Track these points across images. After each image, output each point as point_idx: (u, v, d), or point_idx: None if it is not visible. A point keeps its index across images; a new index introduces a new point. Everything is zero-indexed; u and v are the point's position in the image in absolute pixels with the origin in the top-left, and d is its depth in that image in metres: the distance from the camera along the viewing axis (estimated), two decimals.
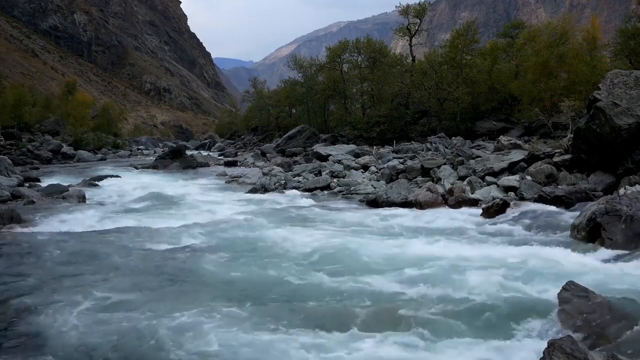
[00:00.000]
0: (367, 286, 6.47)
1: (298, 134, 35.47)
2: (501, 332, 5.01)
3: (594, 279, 6.17)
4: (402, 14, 39.66)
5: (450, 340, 4.90)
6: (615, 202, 8.24)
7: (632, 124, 11.58)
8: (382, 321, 5.37)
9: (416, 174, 16.86)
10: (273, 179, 18.44)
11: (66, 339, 5.03)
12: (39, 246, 8.72)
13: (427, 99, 34.09)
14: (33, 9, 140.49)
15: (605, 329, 4.45)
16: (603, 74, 18.25)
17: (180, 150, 31.65)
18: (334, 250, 8.23)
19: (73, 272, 7.21)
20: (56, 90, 79.58)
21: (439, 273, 6.79)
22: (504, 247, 8.28)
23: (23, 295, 6.23)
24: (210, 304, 5.97)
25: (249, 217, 12.05)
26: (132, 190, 17.26)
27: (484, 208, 11.54)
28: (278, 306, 5.92)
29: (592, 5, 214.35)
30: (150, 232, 9.94)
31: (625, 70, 13.39)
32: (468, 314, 5.46)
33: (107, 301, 6.06)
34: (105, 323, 5.37)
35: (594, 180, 12.31)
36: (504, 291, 5.99)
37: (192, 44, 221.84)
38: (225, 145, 61.04)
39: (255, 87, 62.74)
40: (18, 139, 35.00)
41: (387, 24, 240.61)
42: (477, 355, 4.57)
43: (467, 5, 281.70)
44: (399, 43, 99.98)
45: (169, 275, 7.18)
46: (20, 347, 4.89)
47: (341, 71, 43.82)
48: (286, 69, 58.79)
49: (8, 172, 18.88)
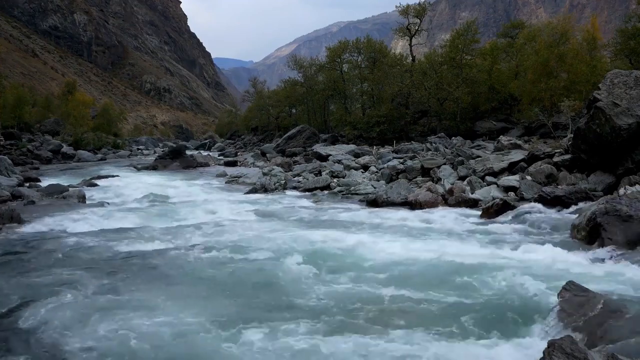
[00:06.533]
0: (365, 286, 6.46)
1: (298, 134, 35.48)
2: (501, 332, 5.01)
3: (594, 279, 6.17)
4: (402, 14, 39.65)
5: (450, 340, 4.90)
6: (615, 202, 8.24)
7: (632, 124, 11.58)
8: (382, 321, 5.36)
9: (416, 174, 16.86)
10: (273, 179, 18.44)
11: (65, 338, 5.02)
12: (38, 246, 8.72)
13: (427, 99, 34.10)
14: (33, 9, 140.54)
15: (605, 329, 4.45)
16: (603, 74, 18.27)
17: (180, 150, 31.63)
18: (333, 250, 8.23)
19: (72, 272, 7.21)
20: (56, 90, 79.63)
21: (439, 273, 6.78)
22: (503, 247, 8.28)
23: (22, 295, 6.22)
24: (209, 304, 5.97)
25: (249, 217, 12.06)
26: (132, 190, 17.25)
27: (484, 208, 11.55)
28: (277, 306, 5.91)
29: (592, 5, 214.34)
30: (150, 232, 9.94)
31: (625, 70, 13.38)
32: (468, 314, 5.45)
33: (106, 301, 6.06)
34: (104, 323, 5.36)
35: (594, 180, 12.30)
36: (504, 291, 5.99)
37: (192, 44, 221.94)
38: (225, 145, 61.06)
39: (255, 87, 62.78)
40: (18, 139, 34.96)
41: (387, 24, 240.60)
42: (477, 355, 4.57)
43: (467, 5, 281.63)
44: (399, 43, 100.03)
45: (168, 275, 7.18)
46: (20, 347, 4.88)
47: (341, 71, 43.83)
48: (286, 69, 58.81)
49: (8, 172, 18.87)
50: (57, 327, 5.26)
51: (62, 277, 6.98)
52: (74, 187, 16.74)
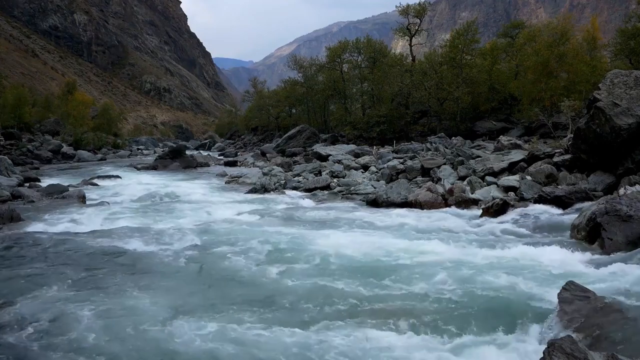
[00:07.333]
0: (366, 286, 6.46)
1: (298, 134, 35.48)
2: (501, 332, 5.01)
3: (594, 279, 6.17)
4: (402, 14, 39.68)
5: (450, 339, 4.90)
6: (615, 202, 8.23)
7: (632, 124, 11.57)
8: (382, 321, 5.36)
9: (416, 174, 16.85)
10: (273, 179, 18.44)
11: (63, 338, 5.03)
12: (38, 246, 8.71)
13: (427, 99, 34.10)
14: (33, 9, 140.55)
15: (605, 329, 4.45)
16: (603, 74, 18.28)
17: (180, 150, 31.63)
18: (333, 250, 8.22)
19: (72, 272, 7.20)
20: (56, 90, 79.52)
21: (439, 273, 6.78)
22: (503, 247, 8.27)
23: (22, 294, 6.22)
24: (209, 304, 5.97)
25: (249, 217, 12.05)
26: (132, 190, 17.25)
27: (484, 208, 11.54)
28: (276, 305, 5.91)
29: (592, 5, 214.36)
30: (150, 232, 9.93)
31: (625, 70, 13.38)
32: (468, 314, 5.45)
33: (106, 301, 6.06)
34: (103, 322, 5.37)
35: (594, 180, 12.30)
36: (504, 291, 5.98)
37: (192, 44, 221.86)
38: (225, 145, 61.08)
39: (255, 87, 62.81)
40: (18, 139, 34.97)
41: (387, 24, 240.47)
42: (477, 355, 4.57)
43: (467, 5, 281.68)
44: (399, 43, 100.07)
45: (167, 275, 7.18)
46: (19, 347, 4.88)
47: (341, 71, 43.82)
48: (286, 69, 58.79)
49: (8, 172, 18.88)
50: (55, 327, 5.27)
51: (61, 276, 6.98)
52: (74, 187, 16.75)
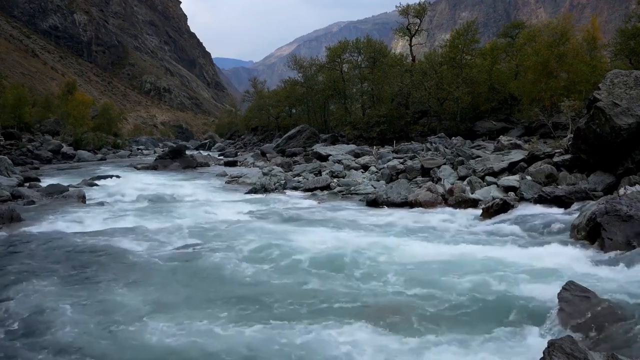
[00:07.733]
0: (365, 286, 6.47)
1: (298, 134, 35.47)
2: (501, 332, 5.01)
3: (593, 279, 6.17)
4: (402, 14, 39.66)
5: (450, 339, 4.90)
6: (615, 202, 8.23)
7: (632, 124, 11.57)
8: (382, 321, 5.36)
9: (416, 174, 16.84)
10: (273, 179, 18.44)
11: (62, 337, 5.04)
12: (38, 246, 8.72)
13: (427, 99, 34.09)
14: (33, 9, 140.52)
15: (605, 329, 4.45)
16: (603, 74, 18.27)
17: (180, 150, 31.63)
18: (333, 250, 8.22)
19: (72, 272, 7.21)
20: (56, 90, 79.51)
21: (439, 273, 6.78)
22: (503, 247, 8.28)
23: (22, 294, 6.22)
24: (208, 304, 5.97)
25: (249, 217, 12.06)
26: (131, 190, 17.23)
27: (484, 208, 11.54)
28: (275, 305, 5.91)
29: (592, 5, 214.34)
30: (150, 232, 9.94)
31: (625, 70, 13.37)
32: (468, 314, 5.46)
33: (104, 300, 6.07)
34: (103, 322, 5.37)
35: (594, 180, 12.29)
36: (504, 291, 5.98)
37: (192, 44, 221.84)
38: (225, 145, 61.06)
39: (255, 87, 62.77)
40: (18, 139, 34.96)
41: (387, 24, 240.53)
42: (477, 355, 4.57)
43: (467, 5, 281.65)
44: (399, 43, 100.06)
45: (166, 275, 7.19)
46: (18, 346, 4.89)
47: (341, 71, 43.81)
48: (286, 69, 58.77)
49: (8, 172, 18.88)
50: (54, 326, 5.28)
51: (60, 276, 7.00)
52: (74, 187, 16.74)
